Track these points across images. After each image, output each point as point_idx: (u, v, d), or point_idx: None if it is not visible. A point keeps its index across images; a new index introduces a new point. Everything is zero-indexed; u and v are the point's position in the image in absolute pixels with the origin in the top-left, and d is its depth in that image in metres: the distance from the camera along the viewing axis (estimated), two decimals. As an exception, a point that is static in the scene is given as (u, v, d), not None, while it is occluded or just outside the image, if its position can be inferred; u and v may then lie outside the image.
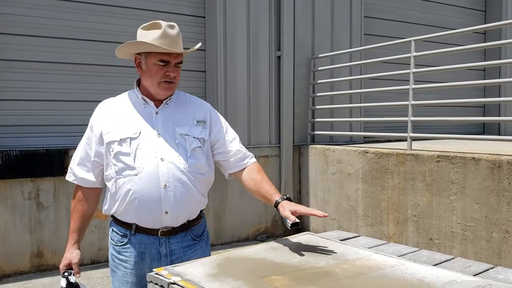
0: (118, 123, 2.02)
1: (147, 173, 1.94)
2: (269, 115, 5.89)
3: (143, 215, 1.98)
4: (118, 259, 2.06)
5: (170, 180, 1.95)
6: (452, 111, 7.43)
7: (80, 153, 2.11)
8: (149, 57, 1.98)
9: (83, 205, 2.12)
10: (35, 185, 4.52)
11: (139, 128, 1.99)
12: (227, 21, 5.56)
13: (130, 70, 5.17)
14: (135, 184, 1.95)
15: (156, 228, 2.00)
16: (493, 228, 3.83)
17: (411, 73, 4.80)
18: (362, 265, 1.73)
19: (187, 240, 2.07)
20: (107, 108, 2.08)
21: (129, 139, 1.97)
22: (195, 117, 2.08)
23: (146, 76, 2.01)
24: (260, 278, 1.60)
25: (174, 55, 1.97)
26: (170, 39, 1.95)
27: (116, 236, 2.07)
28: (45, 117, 4.80)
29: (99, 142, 2.04)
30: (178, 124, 2.03)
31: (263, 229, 5.84)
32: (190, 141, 2.01)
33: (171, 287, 1.57)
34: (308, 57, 6.13)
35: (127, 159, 1.96)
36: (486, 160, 3.88)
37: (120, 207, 2.00)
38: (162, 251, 2.01)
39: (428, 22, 7.37)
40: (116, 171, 1.98)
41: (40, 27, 4.76)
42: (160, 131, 2.00)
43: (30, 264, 4.49)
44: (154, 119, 2.02)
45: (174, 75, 2.00)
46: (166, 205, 1.96)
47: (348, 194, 5.20)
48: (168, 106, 2.06)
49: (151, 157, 1.96)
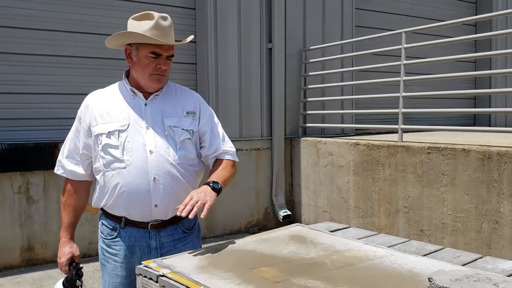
0: (107, 115, 1.99)
1: (135, 166, 1.93)
2: (261, 107, 5.88)
3: (132, 209, 1.97)
4: (108, 252, 2.05)
5: (159, 173, 1.94)
6: (443, 103, 7.46)
7: (68, 145, 2.09)
8: (140, 48, 1.94)
9: (74, 199, 2.10)
10: (25, 179, 4.48)
11: (127, 120, 1.97)
12: (217, 13, 5.52)
13: (120, 62, 5.12)
14: (123, 177, 1.93)
15: (146, 221, 1.99)
16: (483, 219, 3.86)
17: (402, 65, 4.80)
18: (351, 256, 1.73)
19: (177, 233, 2.05)
20: (95, 99, 2.05)
21: (117, 132, 1.95)
22: (184, 108, 2.05)
23: (137, 67, 1.98)
24: (250, 270, 1.60)
25: (166, 48, 1.94)
26: (163, 30, 1.92)
27: (106, 230, 2.06)
28: (34, 110, 4.74)
29: (87, 134, 2.01)
30: (167, 115, 2.00)
31: (255, 221, 5.84)
32: (179, 133, 1.99)
33: (160, 279, 1.56)
34: (299, 49, 6.11)
35: (116, 152, 1.94)
36: (476, 152, 3.90)
37: (109, 200, 1.99)
38: (152, 244, 2.00)
39: (419, 14, 7.37)
40: (104, 164, 1.96)
41: (28, 19, 4.70)
42: (149, 123, 1.98)
43: (21, 258, 4.46)
44: (143, 110, 1.99)
45: (165, 67, 1.97)
46: (156, 198, 1.94)
47: (339, 186, 5.21)
48: (158, 98, 2.03)
49: (140, 149, 1.94)
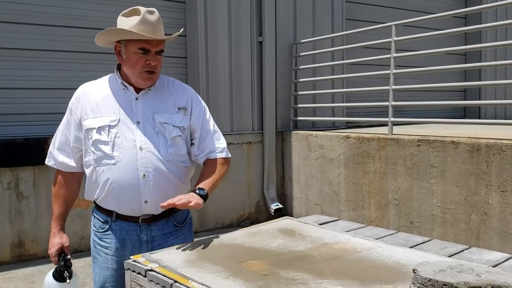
0: (97, 108, 1.98)
1: (125, 162, 1.93)
2: (252, 101, 5.87)
3: (122, 204, 1.98)
4: (100, 245, 2.06)
5: (149, 169, 1.94)
6: (433, 96, 7.49)
7: (59, 137, 2.08)
8: (128, 45, 1.92)
9: (65, 190, 2.10)
10: (14, 175, 4.45)
11: (118, 115, 1.96)
12: (207, 7, 5.49)
13: (110, 56, 5.08)
14: (113, 174, 1.93)
15: (136, 216, 1.99)
16: (472, 211, 3.89)
17: (392, 58, 4.81)
18: (339, 249, 1.74)
19: (168, 226, 2.06)
20: (86, 92, 2.04)
21: (108, 127, 1.94)
22: (176, 104, 2.04)
23: (127, 65, 1.96)
24: (238, 263, 1.60)
25: (154, 43, 1.91)
26: (150, 25, 1.90)
27: (98, 223, 2.07)
28: (23, 106, 4.70)
29: (78, 127, 2.01)
30: (158, 111, 1.99)
31: (246, 215, 5.85)
32: (170, 129, 1.98)
33: (149, 274, 1.57)
34: (290, 43, 6.10)
35: (106, 148, 1.94)
36: (465, 144, 3.92)
37: (100, 194, 2.00)
38: (143, 237, 2.01)
39: (409, 7, 7.37)
40: (94, 159, 1.96)
41: (17, 13, 4.64)
42: (140, 119, 1.97)
43: (11, 254, 4.45)
44: (134, 105, 1.98)
45: (155, 63, 1.94)
46: (146, 195, 1.95)
47: (330, 179, 5.23)
48: (149, 92, 2.02)
49: (130, 146, 1.94)
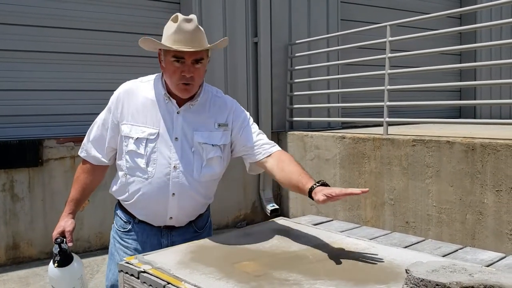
0: (137, 116, 1.94)
1: (157, 179, 1.91)
2: (247, 102, 5.86)
3: (147, 215, 2.00)
4: (119, 243, 2.06)
5: (179, 189, 1.92)
6: (428, 96, 7.50)
7: (95, 131, 2.04)
8: (166, 53, 1.88)
9: (87, 178, 2.08)
10: (9, 177, 4.43)
11: (157, 129, 1.92)
12: (202, 8, 5.48)
13: (107, 58, 5.11)
14: (144, 187, 1.93)
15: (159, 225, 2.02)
16: (467, 210, 3.90)
17: (386, 58, 4.82)
18: (333, 249, 1.74)
19: (189, 232, 2.05)
20: (129, 93, 1.98)
21: (145, 140, 1.91)
22: (216, 120, 1.99)
23: (166, 74, 1.92)
24: (231, 264, 1.60)
25: (189, 53, 1.85)
26: (184, 34, 1.83)
27: (120, 221, 2.07)
28: (18, 107, 4.68)
29: (115, 128, 1.98)
30: (197, 129, 1.94)
31: (242, 216, 5.84)
32: (208, 149, 1.94)
33: (141, 275, 1.56)
34: (285, 44, 6.10)
35: (140, 162, 1.91)
36: (460, 144, 3.93)
37: (127, 200, 2.00)
38: (163, 242, 2.01)
39: (404, 7, 7.39)
40: (127, 167, 1.95)
41: (13, 15, 4.62)
42: (178, 135, 1.93)
43: (6, 256, 4.42)
44: (175, 119, 1.94)
45: (191, 75, 1.87)
46: (172, 212, 1.96)
47: (326, 179, 5.17)
48: (192, 108, 1.97)
49: (165, 163, 1.91)
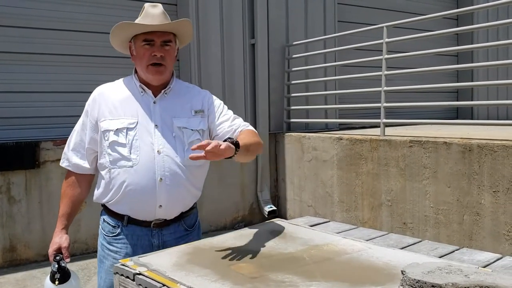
0: (115, 110, 1.98)
1: (143, 165, 1.92)
2: (245, 103, 5.86)
3: (136, 207, 1.97)
4: (108, 249, 2.04)
5: (166, 173, 1.93)
6: (425, 97, 7.51)
7: (74, 138, 2.07)
8: (135, 40, 1.98)
9: (74, 190, 2.09)
10: (6, 179, 4.42)
11: (136, 118, 1.96)
12: (199, 9, 5.48)
13: (105, 59, 5.10)
14: (130, 176, 1.92)
15: (148, 220, 1.98)
16: (465, 211, 3.90)
17: (383, 59, 4.82)
18: (329, 250, 1.74)
19: (179, 231, 2.05)
20: (103, 93, 2.04)
21: (126, 129, 1.94)
22: (192, 107, 2.05)
23: (137, 60, 1.99)
24: (227, 266, 1.60)
25: (158, 34, 1.94)
26: (151, 17, 1.94)
27: (107, 227, 2.05)
28: (14, 109, 4.66)
29: (94, 129, 2.00)
30: (176, 115, 2.00)
31: (240, 217, 5.83)
32: (188, 134, 1.99)
33: (137, 277, 1.55)
34: (282, 45, 6.10)
35: (123, 150, 1.92)
36: (457, 144, 3.93)
37: (113, 197, 1.98)
38: (154, 242, 2.00)
39: (401, 9, 7.39)
40: (110, 161, 1.95)
41: (11, 17, 4.60)
42: (158, 122, 1.97)
43: (3, 259, 4.40)
44: (152, 109, 1.99)
45: (161, 54, 1.95)
46: (161, 199, 1.94)
47: (323, 181, 5.23)
48: (167, 96, 2.03)
49: (148, 149, 1.93)
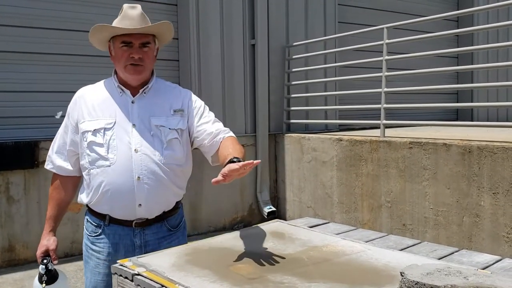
0: (93, 112, 1.99)
1: (120, 164, 1.92)
2: (244, 104, 5.86)
3: (116, 207, 1.96)
4: (92, 249, 2.04)
5: (143, 172, 1.92)
6: (425, 98, 7.50)
7: (58, 141, 2.10)
8: (114, 41, 1.98)
9: (59, 193, 2.11)
10: (5, 178, 4.41)
11: (114, 118, 1.96)
12: (199, 9, 5.48)
13: (102, 59, 5.08)
14: (108, 176, 1.92)
15: (130, 220, 1.97)
16: (464, 213, 3.89)
17: (383, 61, 4.82)
18: (328, 251, 1.73)
19: (162, 231, 2.04)
20: (84, 96, 2.05)
21: (103, 130, 1.95)
22: (172, 107, 2.04)
23: (115, 61, 2.00)
24: (226, 267, 1.59)
25: (136, 36, 1.94)
26: (130, 19, 1.94)
27: (90, 227, 2.05)
28: (13, 109, 4.66)
29: (74, 130, 2.03)
30: (154, 114, 1.99)
31: (239, 218, 5.83)
32: (166, 132, 1.98)
33: (136, 278, 1.55)
34: (282, 46, 6.10)
35: (100, 150, 1.93)
36: (457, 146, 3.93)
37: (93, 197, 1.98)
38: (136, 242, 1.99)
39: (401, 10, 7.40)
40: (89, 161, 1.96)
41: (6, 16, 4.61)
42: (136, 122, 1.97)
43: (1, 259, 4.40)
44: (130, 108, 1.99)
45: (139, 56, 1.95)
46: (140, 198, 1.93)
47: (323, 182, 5.22)
48: (145, 95, 2.02)
49: (125, 148, 1.93)
